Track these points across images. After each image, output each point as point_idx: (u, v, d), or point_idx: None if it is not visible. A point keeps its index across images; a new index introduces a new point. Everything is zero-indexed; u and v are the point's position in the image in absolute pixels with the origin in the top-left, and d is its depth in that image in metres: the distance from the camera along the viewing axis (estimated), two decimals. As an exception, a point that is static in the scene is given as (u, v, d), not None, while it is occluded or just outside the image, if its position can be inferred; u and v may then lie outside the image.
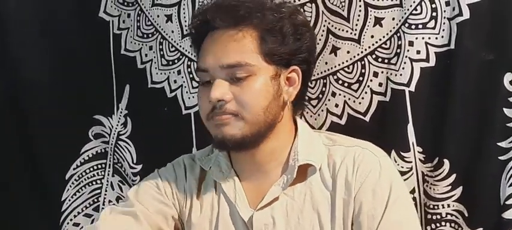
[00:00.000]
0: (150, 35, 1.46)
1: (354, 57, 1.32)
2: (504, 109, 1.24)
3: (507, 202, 1.24)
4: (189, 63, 1.43)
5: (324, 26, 1.32)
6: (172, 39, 1.44)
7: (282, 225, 1.10)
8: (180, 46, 1.43)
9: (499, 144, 1.25)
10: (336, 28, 1.32)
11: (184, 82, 1.44)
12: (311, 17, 1.32)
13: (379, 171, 1.09)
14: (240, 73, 1.05)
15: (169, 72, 1.45)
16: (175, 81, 1.45)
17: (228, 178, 1.15)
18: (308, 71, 1.15)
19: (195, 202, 1.17)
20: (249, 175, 1.15)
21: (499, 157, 1.25)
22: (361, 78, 1.32)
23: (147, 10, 1.44)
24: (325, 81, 1.34)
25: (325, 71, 1.34)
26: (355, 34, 1.31)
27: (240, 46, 1.05)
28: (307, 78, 1.16)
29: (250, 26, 1.05)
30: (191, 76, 1.43)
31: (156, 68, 1.46)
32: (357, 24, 1.31)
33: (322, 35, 1.33)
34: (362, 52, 1.32)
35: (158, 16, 1.43)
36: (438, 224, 1.31)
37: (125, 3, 1.47)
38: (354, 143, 1.15)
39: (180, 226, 1.19)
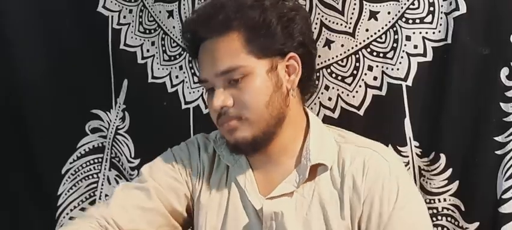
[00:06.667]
0: (152, 31, 1.47)
1: (348, 50, 1.31)
2: (501, 103, 1.23)
3: (503, 196, 1.22)
4: (190, 58, 1.44)
5: (318, 19, 1.32)
6: (173, 35, 1.45)
7: (290, 217, 1.09)
8: (182, 41, 1.43)
9: (495, 138, 1.23)
10: (329, 21, 1.32)
11: (186, 77, 1.45)
12: (305, 10, 1.32)
13: (389, 177, 1.07)
14: (236, 76, 1.06)
15: (171, 68, 1.46)
16: (177, 77, 1.46)
17: (239, 164, 1.16)
18: (308, 53, 1.13)
19: (206, 182, 1.17)
20: (261, 165, 1.15)
21: (496, 152, 1.23)
22: (355, 72, 1.31)
23: (149, 6, 1.46)
24: (318, 74, 1.33)
25: (318, 64, 1.32)
26: (349, 27, 1.31)
27: (229, 50, 1.06)
28: (310, 60, 1.15)
29: (234, 28, 1.06)
30: (192, 71, 1.45)
31: (157, 63, 1.47)
32: (351, 18, 1.30)
33: (315, 28, 1.32)
34: (356, 45, 1.31)
35: (160, 12, 1.45)
36: (435, 219, 1.29)
37: (127, -1, 1.49)
38: (365, 144, 1.13)
39: (191, 205, 1.19)
